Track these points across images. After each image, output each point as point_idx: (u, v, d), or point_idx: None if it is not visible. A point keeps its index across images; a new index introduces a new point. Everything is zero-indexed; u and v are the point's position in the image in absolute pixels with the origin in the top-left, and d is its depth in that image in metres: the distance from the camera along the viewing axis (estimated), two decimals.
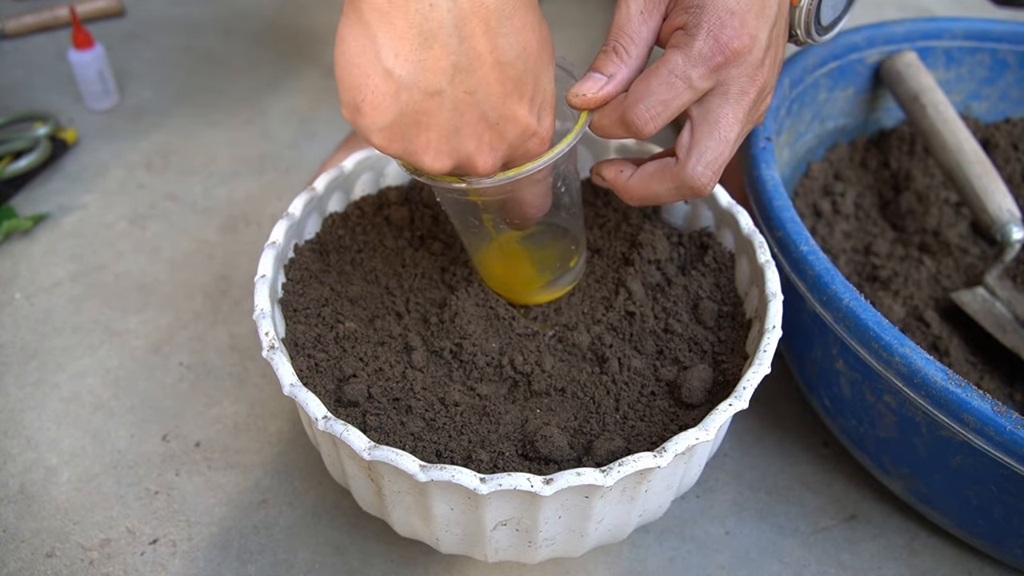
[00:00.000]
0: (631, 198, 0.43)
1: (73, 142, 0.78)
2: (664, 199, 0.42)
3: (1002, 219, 0.58)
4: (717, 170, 0.41)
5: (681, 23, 0.39)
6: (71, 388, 0.59)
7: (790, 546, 0.52)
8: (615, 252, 0.51)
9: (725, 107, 0.40)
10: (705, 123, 0.40)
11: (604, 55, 0.41)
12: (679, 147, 0.41)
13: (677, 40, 0.39)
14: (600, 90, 0.40)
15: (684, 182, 0.41)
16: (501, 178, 0.39)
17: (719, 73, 0.39)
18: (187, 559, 0.50)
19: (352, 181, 0.52)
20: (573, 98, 0.41)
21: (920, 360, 0.43)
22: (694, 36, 0.39)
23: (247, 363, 0.61)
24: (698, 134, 0.40)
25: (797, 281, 0.49)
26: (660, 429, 0.42)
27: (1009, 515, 0.45)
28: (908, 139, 0.69)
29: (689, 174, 0.41)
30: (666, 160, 0.42)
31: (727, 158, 0.41)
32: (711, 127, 0.40)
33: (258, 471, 0.54)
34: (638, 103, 0.39)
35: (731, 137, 0.40)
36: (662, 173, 0.42)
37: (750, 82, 0.40)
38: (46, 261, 0.68)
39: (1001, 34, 0.68)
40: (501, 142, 0.38)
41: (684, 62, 0.39)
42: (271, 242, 0.46)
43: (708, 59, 0.39)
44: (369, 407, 0.42)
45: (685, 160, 0.41)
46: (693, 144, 0.40)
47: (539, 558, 0.42)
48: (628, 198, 0.44)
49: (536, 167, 0.39)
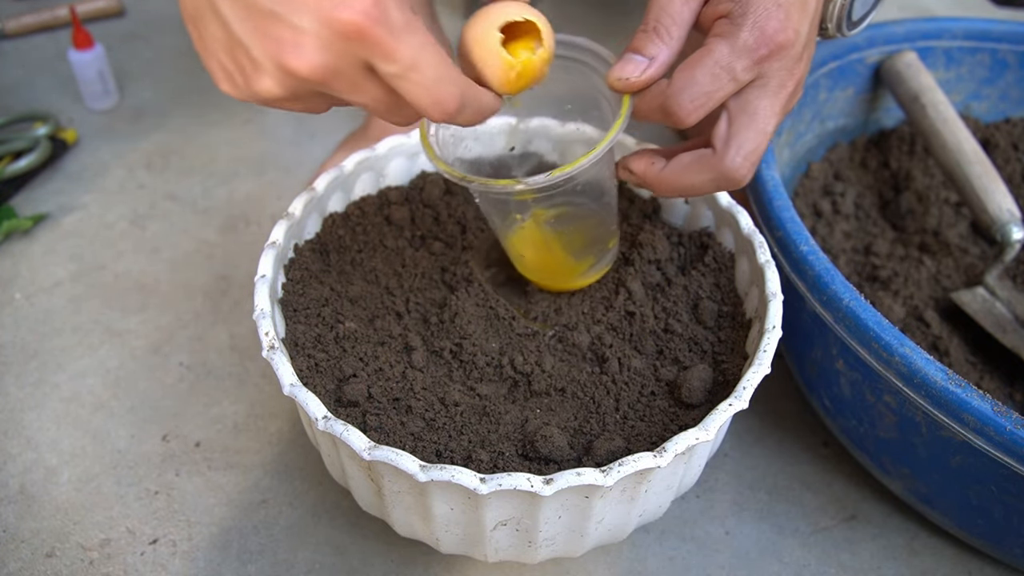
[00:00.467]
0: (665, 190, 0.43)
1: (73, 142, 0.78)
2: (699, 190, 0.42)
3: (1002, 219, 0.58)
4: (755, 161, 0.41)
5: (725, 11, 0.39)
6: (71, 388, 0.59)
7: (790, 546, 0.52)
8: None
9: (764, 99, 0.40)
10: (744, 114, 0.40)
11: (644, 36, 0.40)
12: (716, 138, 0.41)
13: (721, 29, 0.39)
14: (642, 73, 0.40)
15: (723, 173, 0.41)
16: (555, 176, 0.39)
17: (762, 66, 0.39)
18: (187, 559, 0.50)
19: (352, 181, 0.52)
20: (616, 82, 0.40)
21: (920, 360, 0.43)
22: (740, 27, 0.38)
23: (247, 363, 0.61)
24: (736, 125, 0.40)
25: (797, 281, 0.49)
26: (660, 429, 0.42)
27: (1009, 515, 0.45)
28: (908, 139, 0.69)
29: (728, 165, 0.40)
30: (703, 152, 0.41)
31: (764, 150, 0.41)
32: (750, 119, 0.40)
33: (258, 471, 0.54)
34: (682, 93, 0.39)
35: (769, 129, 0.40)
36: (699, 164, 0.41)
37: (789, 75, 0.40)
38: (46, 261, 0.68)
39: (1001, 34, 0.68)
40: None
41: (729, 53, 0.38)
42: (271, 242, 0.46)
43: (753, 51, 0.38)
44: (369, 407, 0.42)
45: (724, 151, 0.40)
46: (732, 135, 0.40)
47: (539, 558, 0.42)
48: (661, 190, 0.43)
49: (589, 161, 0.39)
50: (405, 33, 0.32)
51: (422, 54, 0.33)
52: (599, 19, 0.99)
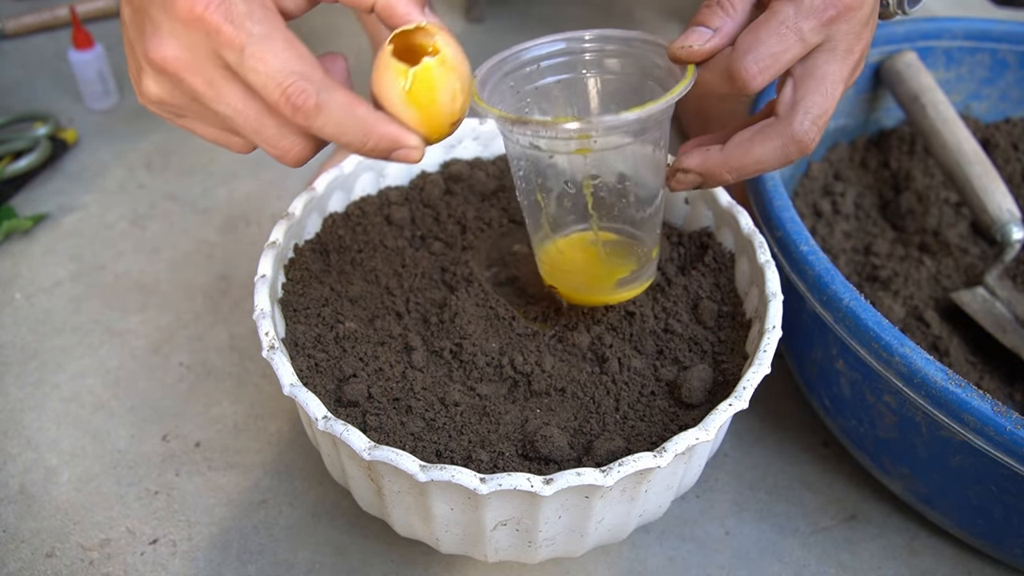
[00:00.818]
0: (730, 170, 0.41)
1: (73, 142, 0.78)
2: (765, 164, 0.40)
3: (1002, 219, 0.58)
4: (822, 127, 0.40)
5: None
6: (71, 388, 0.59)
7: (790, 546, 0.52)
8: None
9: (832, 64, 0.39)
10: (811, 79, 0.39)
11: (708, 9, 0.39)
12: (781, 104, 0.40)
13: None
14: (706, 43, 0.39)
15: (792, 137, 0.39)
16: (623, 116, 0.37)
17: (829, 28, 0.38)
18: (187, 559, 0.50)
19: (352, 181, 0.52)
20: (678, 50, 0.39)
21: (920, 360, 0.43)
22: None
23: (247, 363, 0.61)
24: (803, 89, 0.39)
25: (797, 281, 0.49)
26: (660, 429, 0.42)
27: (1009, 515, 0.45)
28: (908, 139, 0.69)
29: (797, 129, 0.39)
30: (766, 122, 0.40)
31: (830, 116, 0.40)
32: (818, 83, 0.39)
33: (258, 471, 0.54)
34: (747, 54, 0.38)
35: (836, 94, 0.39)
36: (764, 134, 0.40)
37: (856, 40, 0.39)
38: (46, 261, 0.68)
39: (1001, 34, 0.68)
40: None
41: (795, 14, 0.38)
42: (271, 242, 0.46)
43: (820, 12, 0.38)
44: (369, 407, 0.42)
45: (791, 115, 0.39)
46: (798, 99, 0.39)
47: (539, 558, 0.42)
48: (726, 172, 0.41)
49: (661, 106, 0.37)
50: (248, 21, 0.32)
51: (266, 43, 0.32)
52: (599, 20, 0.99)
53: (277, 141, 0.35)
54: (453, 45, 0.35)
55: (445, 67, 0.34)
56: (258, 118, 0.34)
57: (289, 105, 0.33)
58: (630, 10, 1.00)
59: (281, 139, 0.35)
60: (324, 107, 0.33)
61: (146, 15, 0.33)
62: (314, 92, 0.33)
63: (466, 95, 0.36)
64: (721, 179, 0.42)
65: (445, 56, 0.34)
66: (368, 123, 0.34)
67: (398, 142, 0.35)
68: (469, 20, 0.98)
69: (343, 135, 0.34)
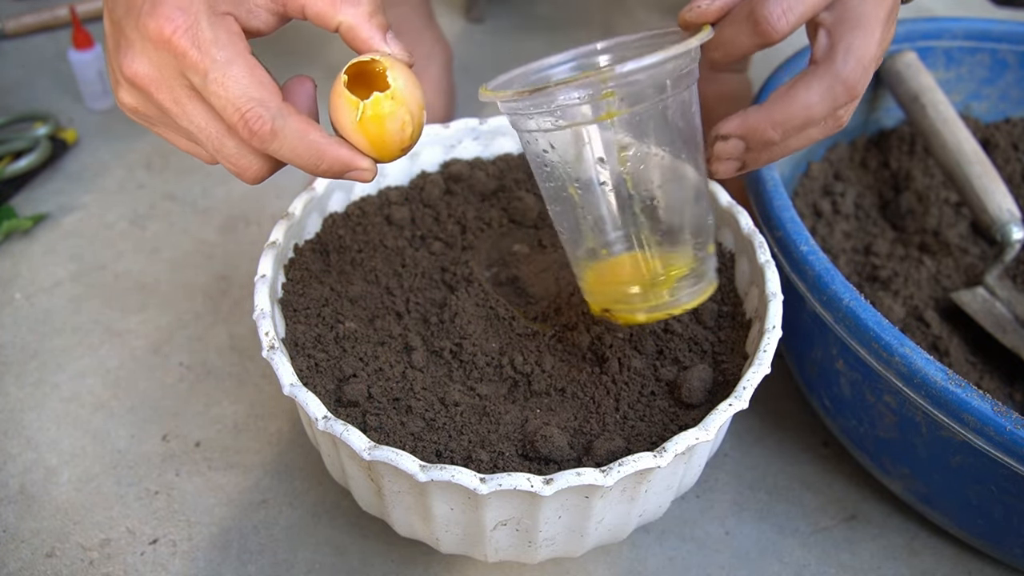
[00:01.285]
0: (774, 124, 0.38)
1: (73, 142, 0.78)
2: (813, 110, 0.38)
3: (1002, 219, 0.58)
4: (867, 67, 0.38)
5: None
6: (71, 388, 0.59)
7: (790, 546, 0.52)
8: None
9: (866, 4, 0.37)
10: (845, 22, 0.37)
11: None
12: (818, 50, 0.38)
13: None
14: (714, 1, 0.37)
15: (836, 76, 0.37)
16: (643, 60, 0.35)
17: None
18: (187, 559, 0.50)
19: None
20: (687, 13, 0.38)
21: (920, 360, 0.43)
22: None
23: (247, 363, 0.61)
24: (839, 32, 0.37)
25: (797, 281, 0.49)
26: (660, 429, 0.42)
27: (1009, 515, 0.45)
28: (908, 139, 0.69)
29: (840, 68, 0.37)
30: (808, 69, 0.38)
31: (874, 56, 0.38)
32: (853, 24, 0.37)
33: (258, 471, 0.54)
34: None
35: (877, 36, 0.37)
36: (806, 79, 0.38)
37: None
38: (46, 261, 0.68)
39: (1001, 34, 0.68)
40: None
41: None
42: (271, 242, 0.46)
43: None
44: (369, 407, 0.42)
45: (832, 56, 0.37)
46: (836, 41, 0.37)
47: (539, 558, 0.42)
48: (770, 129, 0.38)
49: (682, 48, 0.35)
50: (213, 47, 0.34)
51: (229, 69, 0.34)
52: (600, 19, 0.99)
53: (236, 160, 0.37)
54: (404, 77, 0.37)
55: (395, 101, 0.37)
56: (219, 137, 0.36)
57: (247, 129, 0.35)
58: (630, 9, 1.00)
59: (240, 158, 0.37)
60: (279, 133, 0.35)
61: (121, 32, 0.35)
62: (270, 119, 0.35)
63: (416, 124, 0.38)
64: (767, 137, 0.39)
65: (395, 90, 0.36)
66: (321, 147, 0.36)
67: (349, 165, 0.37)
68: (469, 20, 0.98)
69: (297, 158, 0.36)
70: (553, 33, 0.96)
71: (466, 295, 0.48)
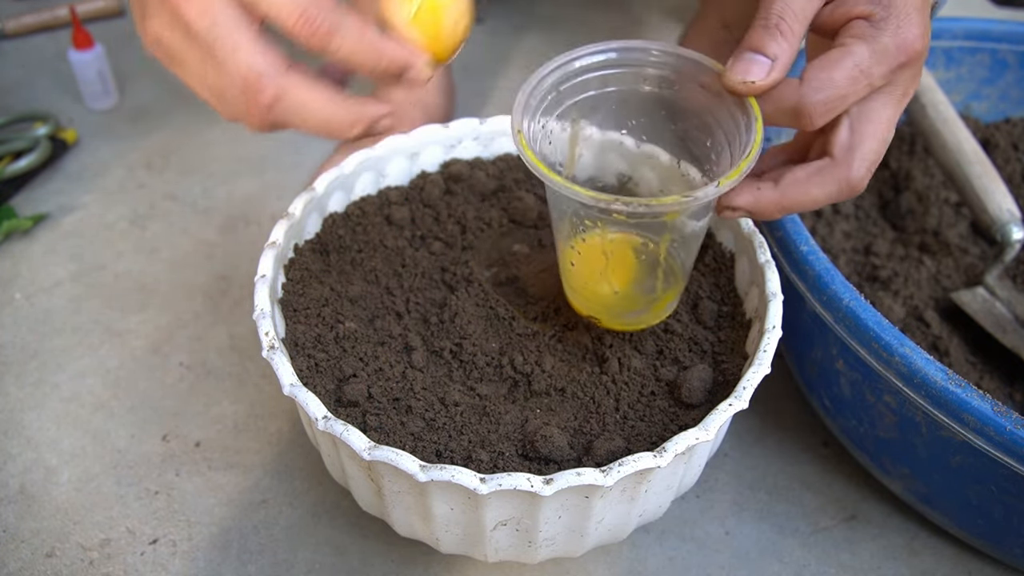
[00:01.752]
0: (782, 209, 0.40)
1: (73, 142, 0.78)
2: (818, 203, 0.40)
3: (1002, 219, 0.58)
4: (873, 171, 0.39)
5: (865, 13, 0.37)
6: (71, 388, 0.59)
7: (790, 546, 0.52)
8: None
9: (889, 108, 0.39)
10: (868, 123, 0.38)
11: (766, 32, 0.37)
12: (838, 147, 0.39)
13: (861, 31, 0.37)
14: (767, 76, 0.37)
15: (848, 182, 0.39)
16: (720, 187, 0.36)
17: (896, 73, 0.38)
18: (187, 559, 0.50)
19: (352, 181, 0.52)
20: (739, 85, 0.38)
21: (920, 360, 0.43)
22: (882, 30, 0.37)
23: (247, 363, 0.61)
24: (860, 134, 0.38)
25: (797, 281, 0.49)
26: (660, 429, 0.42)
27: (1009, 515, 0.45)
28: (908, 139, 0.69)
29: (854, 175, 0.39)
30: (821, 164, 0.39)
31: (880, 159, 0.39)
32: (874, 127, 0.38)
33: (258, 471, 0.54)
34: (817, 94, 0.36)
35: (889, 138, 0.39)
36: (821, 177, 0.39)
37: (912, 83, 0.39)
38: (46, 261, 0.68)
39: (1001, 34, 0.68)
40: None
41: (870, 57, 0.37)
42: (271, 242, 0.46)
43: (893, 58, 0.37)
44: (369, 407, 0.42)
45: (849, 161, 0.39)
46: (856, 144, 0.38)
47: (539, 558, 0.42)
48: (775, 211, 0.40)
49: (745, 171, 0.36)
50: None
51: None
52: (600, 19, 0.99)
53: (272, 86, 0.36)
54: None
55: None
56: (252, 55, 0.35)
57: (306, 28, 0.34)
58: (629, 8, 1.00)
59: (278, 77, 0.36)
60: (338, 30, 0.35)
61: None
62: (327, 17, 0.34)
63: (468, 19, 0.37)
64: (771, 216, 0.41)
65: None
66: (379, 44, 0.36)
67: (409, 62, 0.37)
68: None
69: (357, 55, 0.35)
70: (553, 33, 0.96)
71: (466, 295, 0.48)
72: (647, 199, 0.36)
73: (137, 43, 1.00)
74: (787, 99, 0.37)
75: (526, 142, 0.38)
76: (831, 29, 0.39)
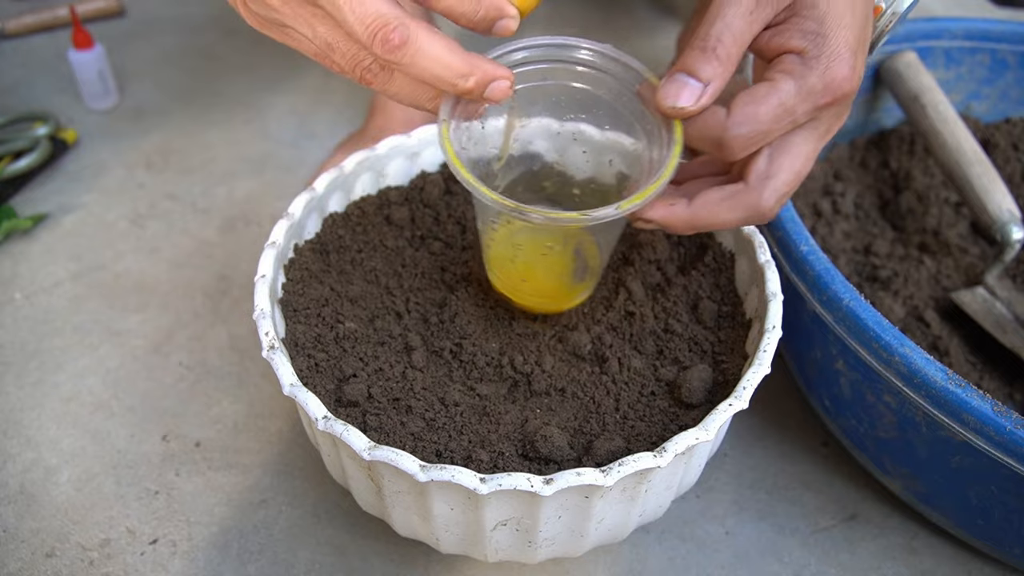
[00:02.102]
0: (691, 228, 0.41)
1: (73, 142, 0.78)
2: (725, 226, 0.41)
3: (1002, 219, 0.58)
4: (784, 203, 0.40)
5: (798, 48, 0.37)
6: (71, 388, 0.59)
7: (790, 546, 0.52)
8: (615, 252, 0.51)
9: (809, 144, 0.39)
10: (786, 155, 0.39)
11: (702, 55, 0.37)
12: (753, 175, 0.39)
13: (791, 67, 0.37)
14: (697, 102, 0.37)
15: (756, 210, 0.39)
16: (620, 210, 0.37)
17: (821, 111, 0.38)
18: (187, 559, 0.50)
19: (352, 181, 0.52)
20: (669, 109, 0.38)
21: (920, 360, 0.43)
22: (811, 68, 0.37)
23: (247, 363, 0.61)
24: (776, 166, 0.39)
25: (797, 281, 0.49)
26: (660, 429, 0.42)
27: (1009, 515, 0.45)
28: (908, 139, 0.69)
29: (764, 205, 0.39)
30: (734, 188, 0.40)
31: (792, 191, 0.40)
32: (791, 160, 0.39)
33: (258, 471, 0.54)
34: (741, 128, 0.37)
35: (805, 171, 0.39)
36: (733, 202, 0.40)
37: (836, 121, 0.39)
38: (46, 261, 0.68)
39: (1001, 34, 0.68)
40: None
41: (796, 95, 0.37)
42: (271, 242, 0.46)
43: (818, 97, 0.37)
44: (369, 407, 0.42)
45: (760, 189, 0.39)
46: (771, 175, 0.39)
47: (539, 558, 0.42)
48: (686, 228, 0.41)
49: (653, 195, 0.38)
50: None
51: None
52: (600, 18, 0.99)
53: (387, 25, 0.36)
54: None
55: None
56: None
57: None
58: (629, 8, 1.00)
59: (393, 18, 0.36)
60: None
61: None
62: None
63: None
64: (682, 232, 0.42)
65: None
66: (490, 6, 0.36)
67: (502, 11, 0.37)
68: None
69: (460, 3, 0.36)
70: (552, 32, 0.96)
71: (466, 295, 0.48)
72: (548, 211, 0.37)
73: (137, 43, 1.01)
74: (712, 129, 0.38)
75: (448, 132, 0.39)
76: (767, 56, 0.39)
